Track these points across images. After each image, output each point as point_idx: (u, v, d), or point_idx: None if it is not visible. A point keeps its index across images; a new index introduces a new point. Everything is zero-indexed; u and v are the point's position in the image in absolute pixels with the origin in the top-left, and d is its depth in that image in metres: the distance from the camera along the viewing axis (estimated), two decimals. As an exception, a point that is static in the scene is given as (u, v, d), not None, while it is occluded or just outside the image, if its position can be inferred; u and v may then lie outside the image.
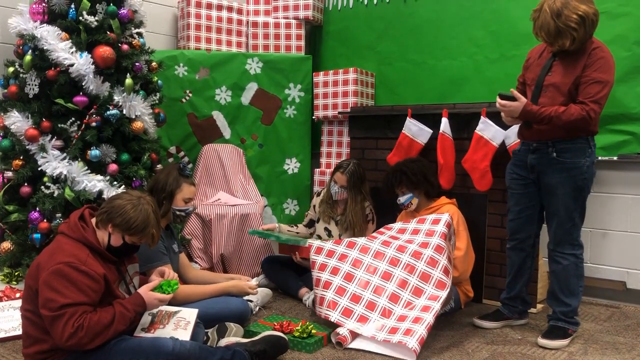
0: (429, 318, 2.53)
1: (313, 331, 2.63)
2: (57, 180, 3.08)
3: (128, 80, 3.23)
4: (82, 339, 1.88)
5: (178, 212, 2.80)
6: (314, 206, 3.68)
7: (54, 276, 1.91)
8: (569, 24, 2.42)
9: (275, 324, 2.69)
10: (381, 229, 3.08)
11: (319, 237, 3.54)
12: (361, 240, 2.96)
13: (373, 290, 2.74)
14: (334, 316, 2.70)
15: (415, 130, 3.53)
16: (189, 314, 2.29)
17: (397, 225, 3.04)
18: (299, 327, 2.60)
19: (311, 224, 3.70)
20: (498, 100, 2.60)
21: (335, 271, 2.85)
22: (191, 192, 2.83)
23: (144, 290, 2.10)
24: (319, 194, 3.70)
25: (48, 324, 1.90)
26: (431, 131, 3.47)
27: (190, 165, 2.90)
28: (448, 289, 2.67)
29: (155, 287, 2.13)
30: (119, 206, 2.06)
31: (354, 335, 2.62)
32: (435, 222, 2.87)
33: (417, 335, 2.45)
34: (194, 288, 2.76)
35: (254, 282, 3.04)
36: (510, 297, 2.93)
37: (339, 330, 2.62)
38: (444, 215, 2.90)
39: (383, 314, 2.66)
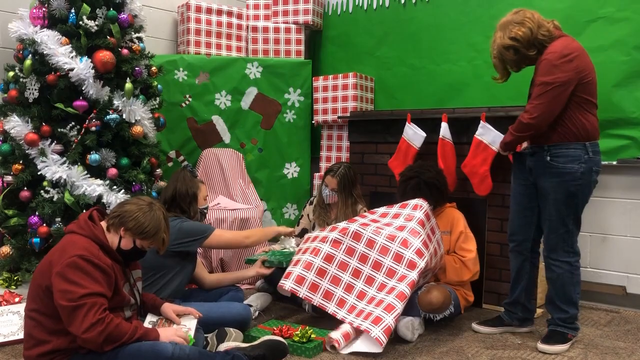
0: (391, 299, 2.61)
1: (312, 336, 2.62)
2: (56, 184, 3.08)
3: (128, 85, 3.24)
4: (100, 334, 1.89)
5: (205, 211, 2.98)
6: (307, 215, 3.67)
7: (70, 268, 1.93)
8: (495, 57, 2.69)
9: (275, 328, 2.69)
10: (364, 213, 3.11)
11: None
12: (341, 224, 2.97)
13: (351, 274, 2.82)
14: (302, 292, 2.76)
15: (410, 134, 3.54)
16: (189, 322, 2.29)
17: (381, 209, 3.05)
18: (298, 332, 2.60)
19: (303, 233, 3.69)
20: None
21: (315, 252, 2.86)
22: (205, 189, 2.99)
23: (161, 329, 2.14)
24: (311, 203, 3.69)
25: (67, 315, 1.91)
26: (424, 135, 3.47)
27: (189, 166, 2.99)
28: (419, 269, 2.67)
29: None
30: (131, 211, 2.11)
31: (348, 338, 2.62)
32: (416, 207, 2.91)
33: (384, 325, 2.53)
34: (265, 233, 3.09)
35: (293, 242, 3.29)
36: (511, 302, 2.91)
37: (332, 334, 2.62)
38: (424, 203, 2.94)
39: (358, 296, 2.76)
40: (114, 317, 1.96)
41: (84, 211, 2.34)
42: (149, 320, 2.27)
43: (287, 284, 2.75)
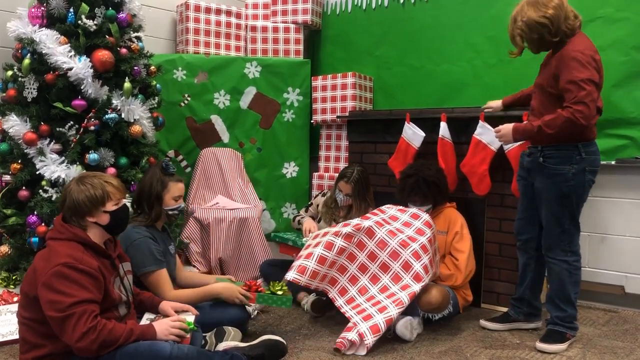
0: (387, 303, 2.66)
1: (284, 288, 2.72)
2: (55, 184, 3.07)
3: (127, 84, 3.23)
4: (93, 342, 1.87)
5: (170, 212, 2.73)
6: (317, 205, 3.67)
7: (55, 278, 1.89)
8: (520, 29, 2.57)
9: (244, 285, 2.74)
10: (375, 210, 3.12)
11: None
12: (355, 220, 2.98)
13: (358, 267, 2.86)
14: (314, 284, 2.80)
15: (410, 134, 3.54)
16: (188, 318, 2.28)
17: (391, 211, 3.06)
18: (270, 286, 2.71)
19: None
20: (494, 130, 2.75)
21: (329, 246, 2.86)
22: (179, 190, 2.74)
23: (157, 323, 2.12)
24: (324, 194, 3.69)
25: (57, 325, 1.89)
26: (424, 135, 3.47)
27: (173, 169, 2.75)
28: (422, 284, 2.70)
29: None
30: (72, 200, 2.04)
31: (358, 339, 2.61)
32: (427, 224, 2.92)
33: (372, 322, 2.57)
34: (180, 293, 2.62)
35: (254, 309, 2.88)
36: (517, 298, 2.95)
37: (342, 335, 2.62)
38: (432, 223, 2.95)
39: (360, 291, 2.80)
40: (107, 322, 1.93)
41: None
42: (147, 318, 2.27)
43: (302, 279, 2.75)
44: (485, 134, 3.23)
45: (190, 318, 2.27)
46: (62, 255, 1.94)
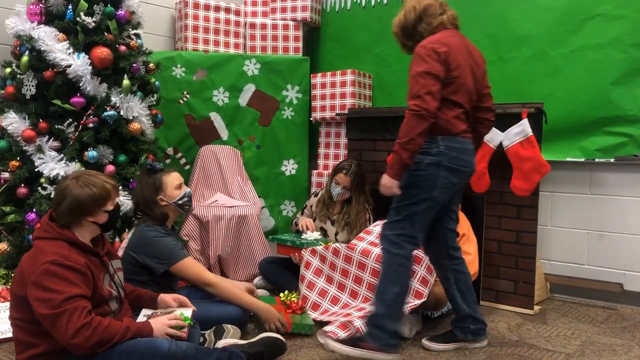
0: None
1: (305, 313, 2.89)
2: (54, 181, 3.07)
3: (125, 82, 3.23)
4: (87, 339, 1.86)
5: (180, 202, 2.70)
6: (311, 206, 3.67)
7: (43, 276, 1.88)
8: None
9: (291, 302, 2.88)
10: (361, 234, 3.12)
11: None
12: (343, 249, 3.02)
13: (360, 302, 2.88)
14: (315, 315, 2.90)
15: None
16: (185, 312, 2.28)
17: (377, 229, 3.04)
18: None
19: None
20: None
21: (329, 280, 3.02)
22: (176, 178, 2.71)
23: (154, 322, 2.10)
24: (316, 195, 3.69)
25: (50, 323, 1.87)
26: None
27: (160, 165, 2.73)
28: (424, 299, 2.69)
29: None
30: (73, 199, 2.02)
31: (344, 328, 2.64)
32: None
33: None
34: (232, 291, 2.64)
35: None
36: (458, 319, 2.63)
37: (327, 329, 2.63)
38: None
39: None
40: (102, 320, 1.91)
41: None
42: (144, 314, 2.26)
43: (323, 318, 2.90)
44: (484, 131, 3.23)
45: (187, 312, 2.26)
46: (48, 253, 1.93)
